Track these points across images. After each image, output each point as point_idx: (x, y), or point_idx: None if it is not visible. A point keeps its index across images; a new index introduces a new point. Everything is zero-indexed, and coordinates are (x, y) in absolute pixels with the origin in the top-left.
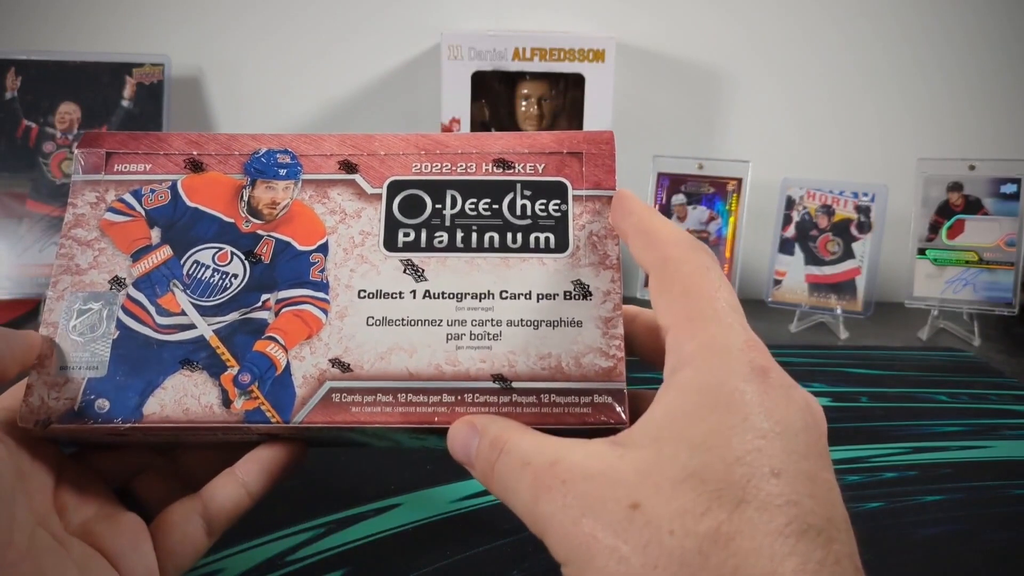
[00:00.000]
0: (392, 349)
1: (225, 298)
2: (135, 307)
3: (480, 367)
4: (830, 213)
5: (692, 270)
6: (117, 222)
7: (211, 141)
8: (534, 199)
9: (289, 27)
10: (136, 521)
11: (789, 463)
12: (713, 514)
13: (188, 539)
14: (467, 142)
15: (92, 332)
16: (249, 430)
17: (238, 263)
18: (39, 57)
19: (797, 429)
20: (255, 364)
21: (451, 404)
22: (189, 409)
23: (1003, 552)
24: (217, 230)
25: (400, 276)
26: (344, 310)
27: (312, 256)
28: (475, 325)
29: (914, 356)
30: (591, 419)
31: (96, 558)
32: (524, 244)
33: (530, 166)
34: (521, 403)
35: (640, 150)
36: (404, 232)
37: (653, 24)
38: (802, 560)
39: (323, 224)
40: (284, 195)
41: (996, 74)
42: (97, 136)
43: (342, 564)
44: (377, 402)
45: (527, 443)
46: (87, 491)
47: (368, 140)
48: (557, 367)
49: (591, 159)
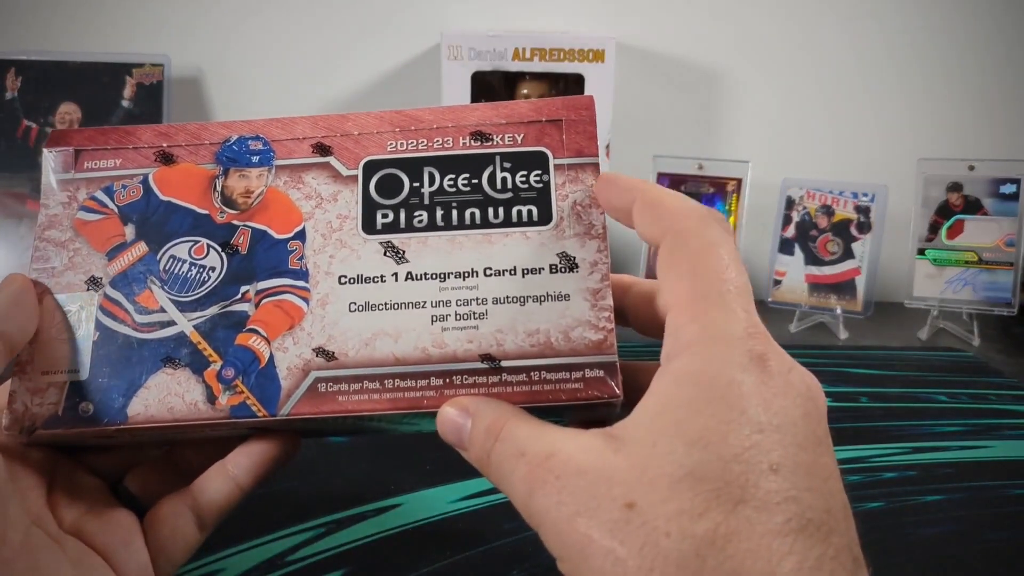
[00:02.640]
0: (376, 335)
1: (204, 292)
2: (113, 307)
3: (467, 348)
4: (830, 213)
5: (700, 246)
6: (90, 220)
7: (181, 131)
8: (514, 171)
9: (289, 27)
10: (128, 517)
11: (787, 456)
12: (711, 515)
13: (179, 534)
14: (442, 116)
15: (71, 334)
16: (236, 425)
17: (215, 255)
18: (39, 57)
19: (795, 418)
20: (238, 358)
21: (439, 387)
22: (174, 407)
23: (1003, 552)
24: (192, 223)
25: (381, 259)
26: (325, 298)
27: (290, 244)
28: (460, 305)
29: (914, 356)
30: (583, 394)
31: (90, 555)
32: (506, 218)
33: (508, 137)
34: (511, 382)
35: (640, 150)
36: (383, 213)
37: (653, 24)
38: (800, 558)
39: (299, 210)
40: (258, 183)
41: (996, 74)
42: (65, 134)
43: (342, 564)
44: (364, 389)
45: (523, 432)
46: (79, 488)
47: (341, 120)
48: (546, 343)
49: (571, 126)
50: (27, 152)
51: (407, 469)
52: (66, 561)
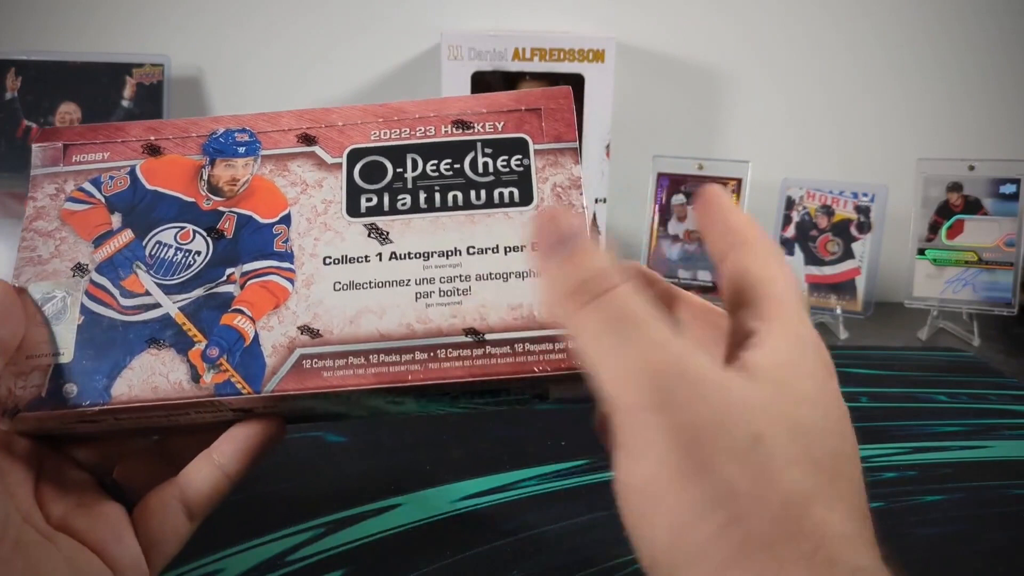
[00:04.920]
0: (361, 312)
1: (189, 275)
2: (99, 291)
3: (452, 322)
4: (830, 213)
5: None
6: (77, 211)
7: (169, 126)
8: (495, 156)
9: (289, 27)
10: (117, 510)
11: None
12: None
13: (169, 525)
14: (425, 107)
15: (57, 319)
16: (220, 403)
17: (200, 240)
18: (39, 57)
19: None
20: (223, 337)
21: (424, 361)
22: (158, 387)
23: (1003, 552)
24: (178, 210)
25: (365, 240)
26: (310, 278)
27: (275, 228)
28: (444, 282)
29: (914, 356)
30: (565, 364)
31: (83, 551)
32: (488, 200)
33: (489, 125)
34: (495, 354)
35: (640, 150)
36: (367, 197)
37: (653, 24)
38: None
39: (284, 196)
40: (244, 171)
41: (996, 74)
42: (54, 131)
43: (342, 564)
44: (349, 365)
45: (646, 311)
46: (67, 483)
47: (326, 113)
48: (529, 316)
49: (550, 114)
50: (27, 152)
51: (407, 469)
52: (60, 558)
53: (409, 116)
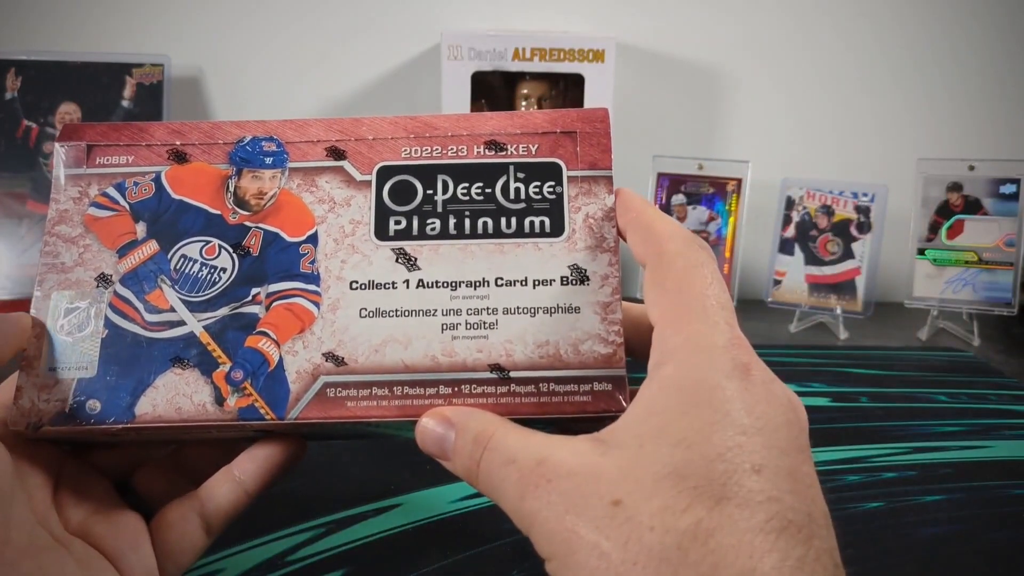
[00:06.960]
0: (386, 341)
1: (214, 293)
2: (123, 304)
3: (477, 357)
4: (830, 213)
5: (685, 265)
6: (101, 217)
7: (194, 130)
8: (528, 182)
9: (289, 27)
10: (136, 520)
11: (770, 459)
12: (693, 511)
13: (187, 538)
14: (457, 123)
15: (80, 331)
16: (244, 427)
17: (226, 256)
18: (39, 57)
19: (778, 424)
20: (247, 360)
21: (448, 396)
22: (181, 408)
23: (1003, 552)
24: (204, 223)
25: (392, 266)
26: (336, 302)
27: (301, 247)
28: (470, 314)
29: (914, 356)
30: (591, 407)
31: (96, 557)
32: (519, 229)
33: (523, 147)
34: (519, 393)
35: (640, 150)
36: (395, 220)
37: (653, 24)
38: (782, 556)
39: (312, 214)
40: (271, 184)
41: (996, 74)
42: (77, 128)
43: (342, 564)
44: (373, 395)
45: (512, 440)
46: (86, 489)
47: (355, 124)
48: (555, 355)
49: (585, 138)
50: (27, 152)
51: (407, 469)
52: (72, 563)
53: (441, 133)
